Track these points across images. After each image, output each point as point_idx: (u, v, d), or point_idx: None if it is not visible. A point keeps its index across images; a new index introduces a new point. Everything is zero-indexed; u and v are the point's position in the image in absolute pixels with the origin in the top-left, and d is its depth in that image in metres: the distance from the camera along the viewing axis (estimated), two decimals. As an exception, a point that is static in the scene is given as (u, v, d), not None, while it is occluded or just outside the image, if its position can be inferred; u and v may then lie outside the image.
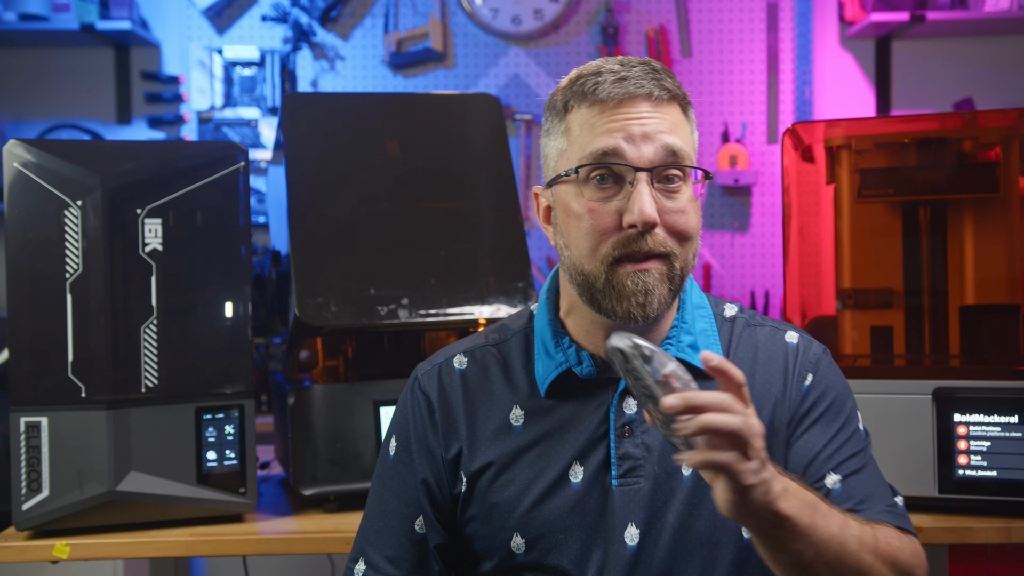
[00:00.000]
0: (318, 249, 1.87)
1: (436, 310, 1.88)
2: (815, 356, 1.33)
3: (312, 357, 2.03)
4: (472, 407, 1.32)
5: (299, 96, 2.10)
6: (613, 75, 1.21)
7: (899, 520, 1.26)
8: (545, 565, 1.26)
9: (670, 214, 1.20)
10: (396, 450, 1.36)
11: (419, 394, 1.35)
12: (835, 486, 1.25)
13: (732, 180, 3.74)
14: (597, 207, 1.21)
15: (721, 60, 3.85)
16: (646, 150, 1.19)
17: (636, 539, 1.24)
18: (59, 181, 1.71)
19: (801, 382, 1.30)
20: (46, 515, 1.71)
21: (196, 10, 3.79)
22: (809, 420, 1.29)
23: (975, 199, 1.82)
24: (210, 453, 1.79)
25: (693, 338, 1.30)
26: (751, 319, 1.36)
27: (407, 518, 1.33)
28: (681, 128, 1.23)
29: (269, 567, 2.61)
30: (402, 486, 1.34)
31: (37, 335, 1.71)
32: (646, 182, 1.18)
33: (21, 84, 3.79)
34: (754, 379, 1.29)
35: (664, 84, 1.22)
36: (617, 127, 1.20)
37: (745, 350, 1.32)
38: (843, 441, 1.29)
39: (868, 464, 1.30)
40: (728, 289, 3.83)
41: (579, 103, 1.23)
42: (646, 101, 1.20)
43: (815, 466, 1.26)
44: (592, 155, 1.20)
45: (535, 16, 3.79)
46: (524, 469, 1.28)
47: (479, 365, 1.35)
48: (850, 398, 1.34)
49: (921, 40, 3.82)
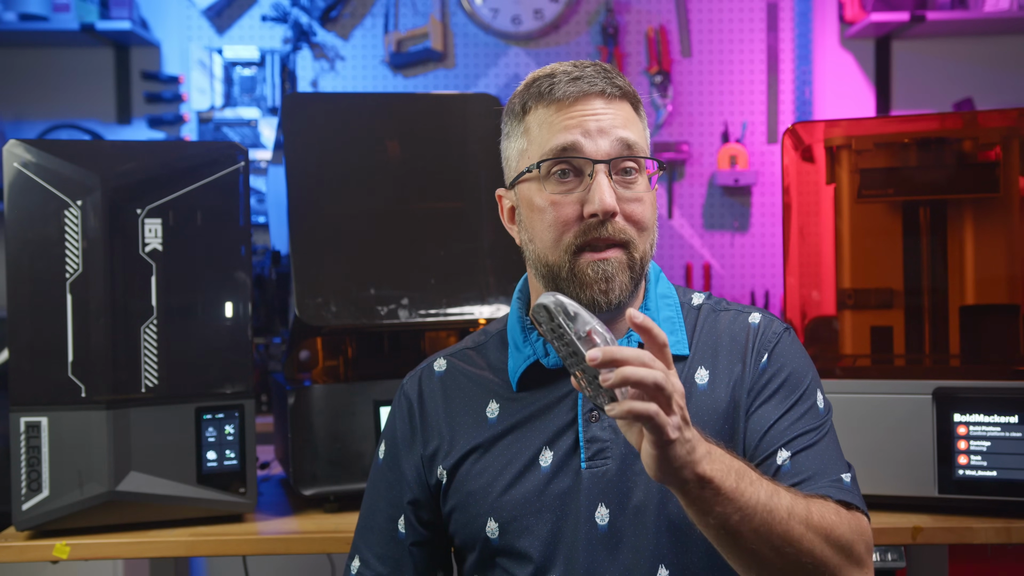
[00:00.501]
0: (318, 249, 1.87)
1: (436, 310, 1.88)
2: (775, 335, 1.35)
3: (312, 357, 2.03)
4: (450, 405, 1.38)
5: (299, 96, 2.10)
6: (567, 75, 1.27)
7: (842, 494, 1.25)
8: (518, 548, 1.29)
9: (628, 203, 1.26)
10: (384, 454, 1.43)
11: (402, 399, 1.43)
12: (784, 462, 1.26)
13: (732, 180, 3.74)
14: (559, 199, 1.26)
15: (721, 60, 3.85)
16: (602, 144, 1.25)
17: (607, 519, 1.26)
18: (59, 181, 1.71)
19: (759, 360, 1.32)
20: (46, 515, 1.71)
21: (196, 10, 3.79)
22: (763, 396, 1.31)
23: (975, 199, 1.82)
24: (210, 453, 1.79)
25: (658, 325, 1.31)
26: (716, 305, 1.39)
27: (392, 518, 1.40)
28: (633, 123, 1.29)
29: (269, 567, 2.61)
30: (388, 488, 1.41)
31: (37, 335, 1.71)
32: (604, 173, 1.25)
33: (21, 84, 3.79)
34: (717, 359, 1.33)
35: (616, 82, 1.28)
36: (574, 123, 1.26)
37: (709, 334, 1.35)
38: (796, 417, 1.29)
39: (822, 440, 1.30)
40: (728, 289, 3.83)
41: (536, 104, 1.29)
42: (599, 98, 1.27)
43: (766, 442, 1.28)
44: (552, 150, 1.26)
45: (535, 16, 3.79)
46: (497, 457, 1.33)
47: (457, 367, 1.42)
48: (809, 374, 1.35)
49: (921, 40, 3.82)
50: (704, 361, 1.33)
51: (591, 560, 1.26)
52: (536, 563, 1.28)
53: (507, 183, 1.36)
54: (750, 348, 1.33)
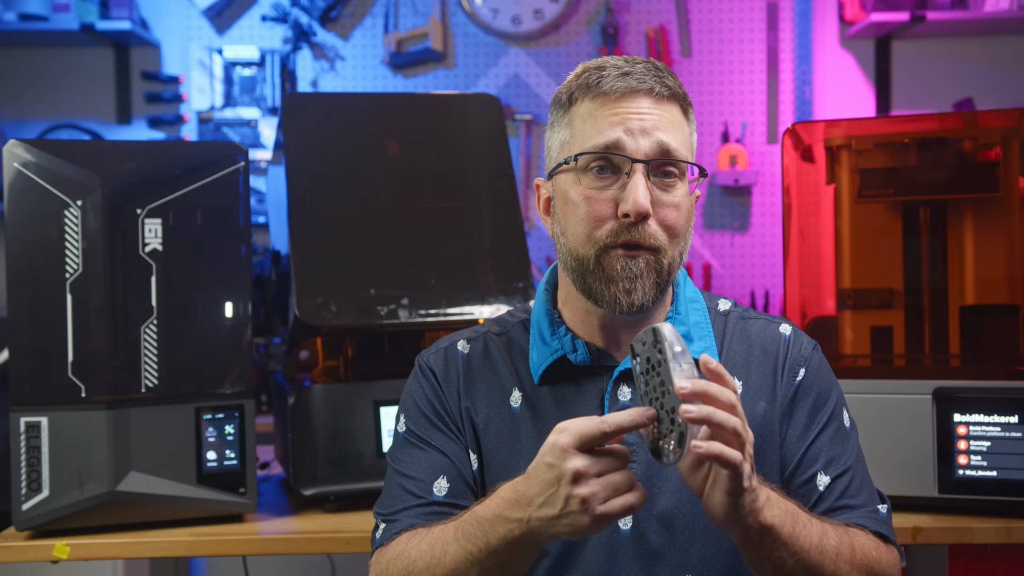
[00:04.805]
0: (318, 249, 1.87)
1: (436, 310, 1.88)
2: (807, 351, 1.34)
3: (312, 357, 2.03)
4: (471, 386, 1.34)
5: (299, 96, 2.10)
6: (617, 70, 1.24)
7: (878, 526, 1.29)
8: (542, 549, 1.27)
9: (663, 208, 1.23)
10: (406, 425, 1.37)
11: (425, 369, 1.38)
12: (824, 488, 1.28)
13: (732, 180, 3.74)
14: (594, 195, 1.23)
15: (721, 60, 3.85)
16: (644, 144, 1.22)
17: (629, 523, 1.25)
18: (59, 181, 1.71)
19: (793, 377, 1.32)
20: (46, 515, 1.71)
21: (196, 10, 3.79)
22: (798, 414, 1.31)
23: (975, 199, 1.82)
24: (210, 453, 1.79)
25: (687, 328, 1.32)
26: (745, 313, 1.38)
27: (428, 481, 1.31)
28: (679, 126, 1.26)
29: (269, 567, 2.61)
30: (419, 456, 1.33)
31: (37, 335, 1.71)
32: (642, 173, 1.22)
33: (21, 84, 3.79)
34: (749, 372, 1.32)
35: (666, 82, 1.25)
36: (618, 120, 1.23)
37: (740, 343, 1.34)
38: (830, 438, 1.31)
39: (856, 463, 1.32)
40: (728, 289, 3.83)
41: (583, 96, 1.26)
42: (647, 96, 1.23)
43: (805, 463, 1.29)
44: (593, 146, 1.23)
45: (535, 16, 3.79)
46: (522, 448, 1.29)
47: (482, 349, 1.37)
48: (838, 394, 1.36)
49: (921, 40, 3.82)
50: (736, 372, 1.31)
51: (612, 564, 1.25)
52: (552, 558, 1.27)
53: (546, 173, 1.33)
54: (783, 362, 1.32)
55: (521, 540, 1.11)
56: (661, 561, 1.25)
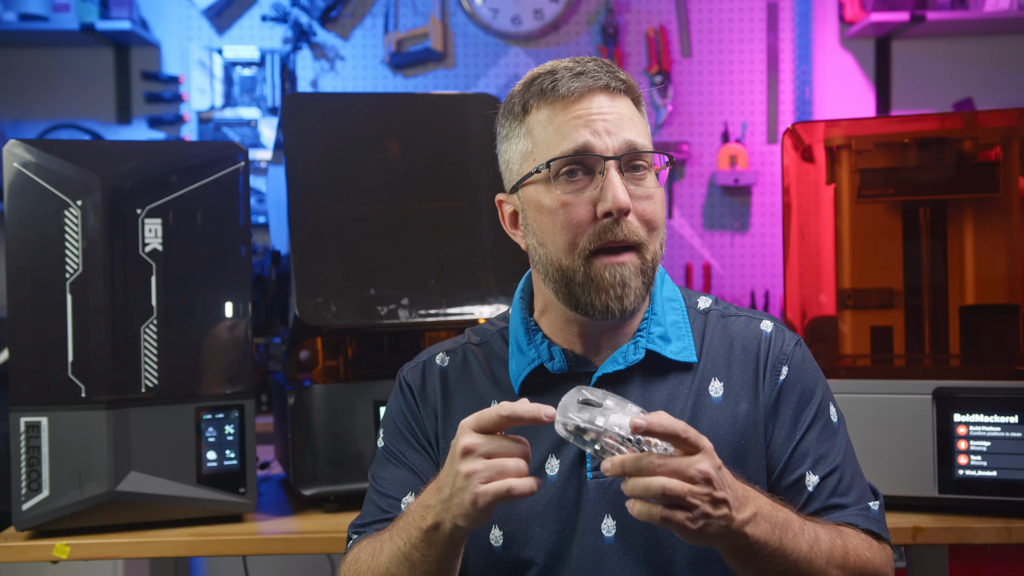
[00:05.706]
0: (318, 249, 1.87)
1: (436, 310, 1.88)
2: (789, 348, 1.33)
3: (312, 357, 2.03)
4: (449, 400, 1.35)
5: (299, 96, 2.10)
6: (569, 72, 1.24)
7: (870, 524, 1.28)
8: (523, 558, 1.28)
9: (639, 200, 1.23)
10: (384, 440, 1.39)
11: (404, 385, 1.39)
12: (814, 488, 1.28)
13: (732, 180, 3.74)
14: (570, 199, 1.23)
15: (721, 60, 3.85)
16: (611, 142, 1.23)
17: (613, 530, 1.25)
18: (59, 181, 1.71)
19: (776, 376, 1.31)
20: (46, 515, 1.71)
21: (196, 10, 3.79)
22: (783, 413, 1.30)
23: (975, 199, 1.82)
24: (210, 453, 1.79)
25: (663, 329, 1.31)
26: (725, 310, 1.37)
27: (398, 498, 1.34)
28: (637, 120, 1.27)
29: (269, 567, 2.61)
30: (392, 472, 1.37)
31: (37, 335, 1.71)
32: (616, 170, 1.22)
33: (21, 84, 3.79)
34: (731, 371, 1.31)
35: (619, 76, 1.26)
36: (581, 122, 1.23)
37: (720, 342, 1.33)
38: (817, 435, 1.30)
39: (845, 459, 1.32)
40: (728, 289, 3.83)
41: (539, 102, 1.26)
42: (603, 93, 1.24)
43: (792, 463, 1.29)
44: (562, 151, 1.23)
45: (535, 16, 3.79)
46: None
47: (460, 362, 1.38)
48: (824, 388, 1.35)
49: (921, 40, 3.82)
50: (717, 372, 1.31)
51: (599, 571, 1.25)
52: (538, 569, 1.27)
53: (507, 187, 1.32)
54: (764, 360, 1.31)
55: (433, 531, 1.13)
56: (648, 567, 1.25)
